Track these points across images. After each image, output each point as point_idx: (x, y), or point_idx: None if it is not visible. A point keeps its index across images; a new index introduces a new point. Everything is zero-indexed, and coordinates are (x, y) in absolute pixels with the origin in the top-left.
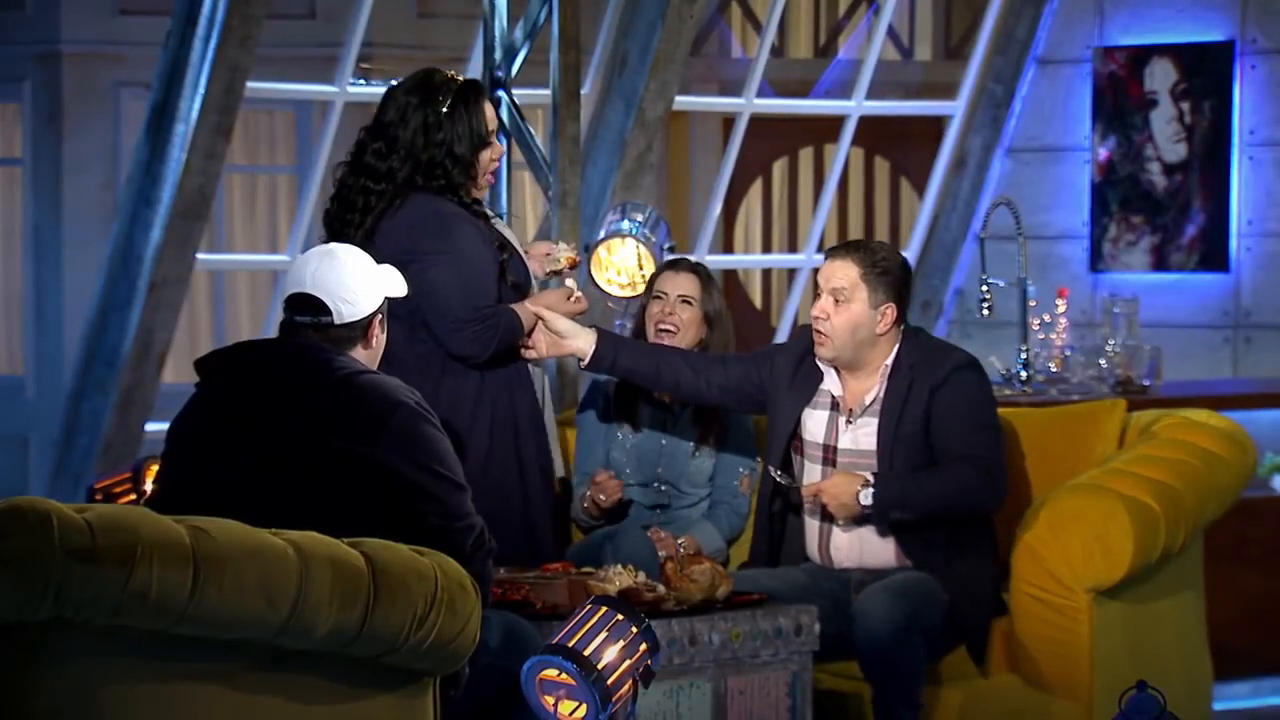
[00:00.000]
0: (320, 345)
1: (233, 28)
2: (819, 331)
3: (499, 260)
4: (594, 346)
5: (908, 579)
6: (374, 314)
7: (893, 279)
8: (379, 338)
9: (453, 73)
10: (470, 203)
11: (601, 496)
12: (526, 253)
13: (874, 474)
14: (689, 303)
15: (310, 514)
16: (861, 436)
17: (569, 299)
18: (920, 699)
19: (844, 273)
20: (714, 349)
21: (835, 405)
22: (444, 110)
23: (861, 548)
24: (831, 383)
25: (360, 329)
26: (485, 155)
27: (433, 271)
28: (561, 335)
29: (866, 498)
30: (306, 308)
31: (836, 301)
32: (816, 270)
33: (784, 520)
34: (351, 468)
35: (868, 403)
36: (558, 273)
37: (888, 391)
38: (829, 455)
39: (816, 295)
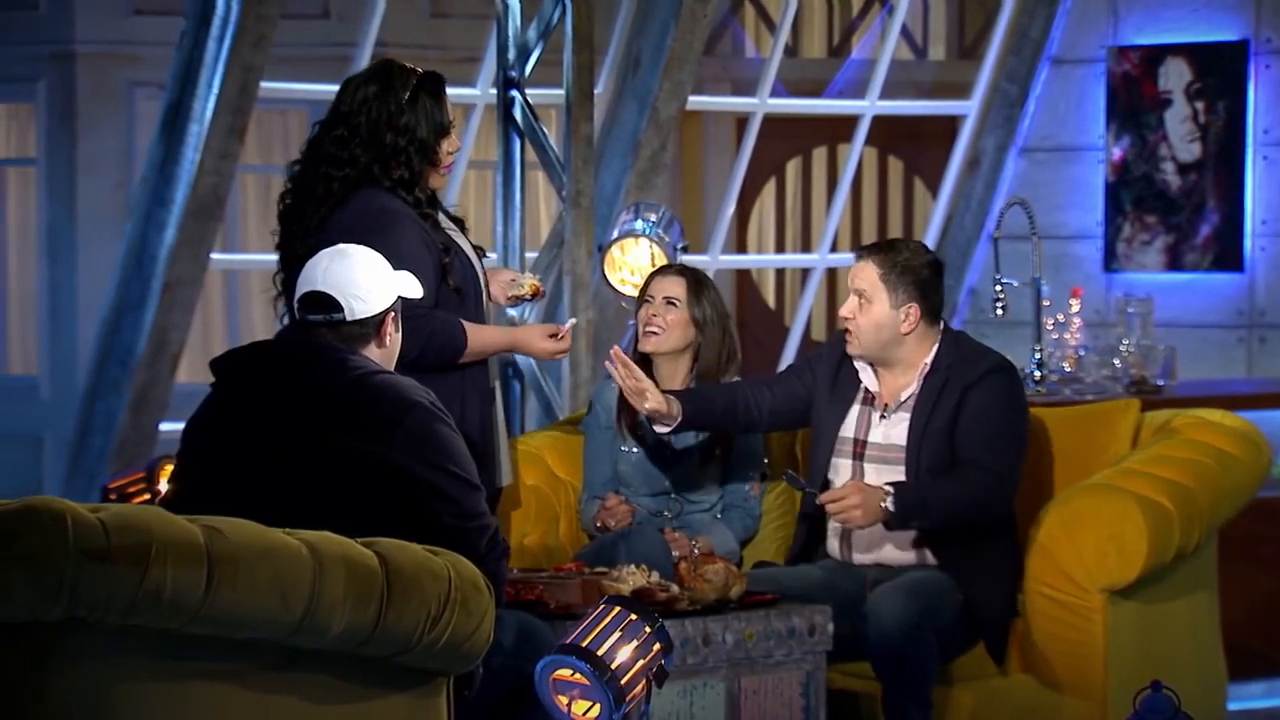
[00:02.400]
0: (335, 345)
1: (246, 28)
2: (847, 330)
3: (440, 262)
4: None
5: (921, 578)
6: (386, 311)
7: (913, 279)
8: (393, 337)
9: (411, 64)
10: (423, 199)
11: (612, 522)
12: (488, 275)
13: (892, 483)
14: (674, 304)
15: (324, 514)
16: (893, 431)
17: (551, 335)
18: (930, 698)
19: (865, 274)
20: (705, 354)
21: (869, 400)
22: (405, 98)
23: (881, 544)
24: (868, 379)
25: (373, 326)
26: (445, 144)
27: None
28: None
29: (889, 504)
30: (318, 306)
31: (860, 303)
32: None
33: (822, 519)
34: (366, 467)
35: (903, 398)
36: (520, 298)
37: (923, 389)
38: (858, 450)
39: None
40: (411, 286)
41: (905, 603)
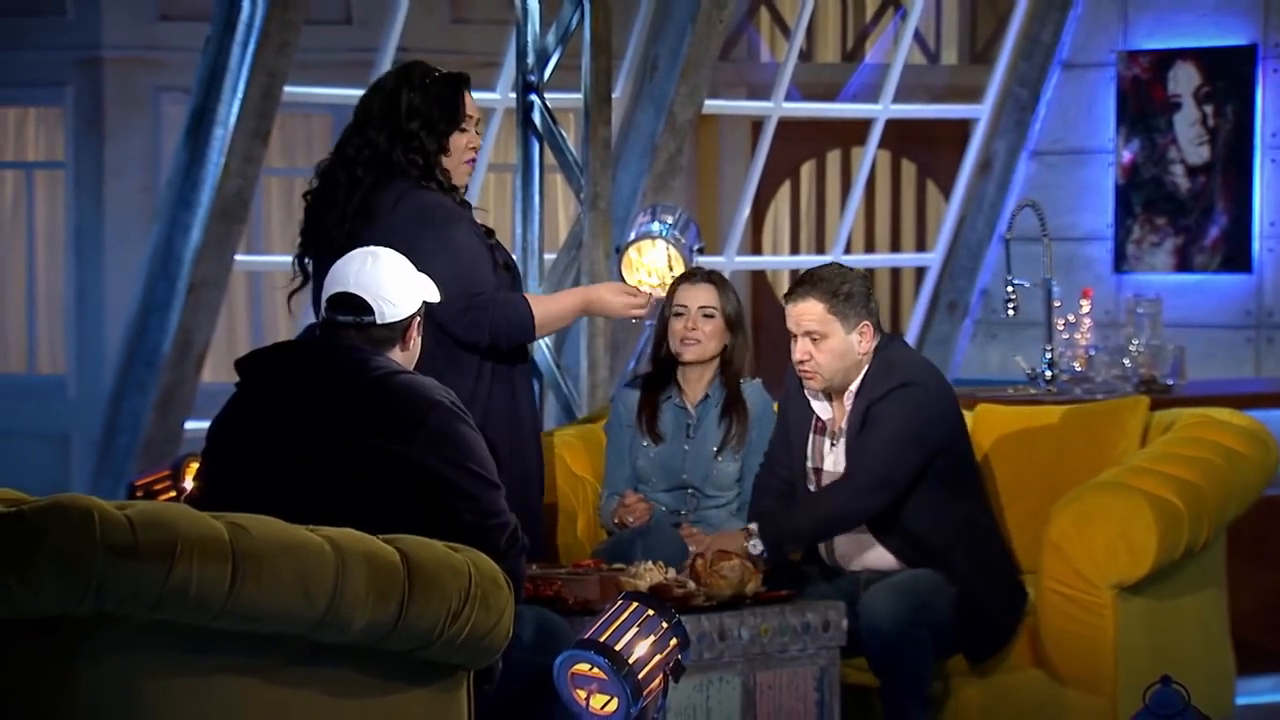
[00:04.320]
0: (358, 345)
1: (270, 33)
2: (805, 371)
3: (489, 245)
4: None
5: (913, 576)
6: (413, 316)
7: (858, 299)
8: (416, 341)
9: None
10: (445, 185)
11: (630, 519)
12: None
13: (752, 524)
14: (711, 315)
15: (347, 511)
16: (840, 457)
17: (629, 292)
18: (928, 694)
19: (811, 313)
20: (735, 356)
21: (820, 429)
22: (419, 85)
23: (863, 551)
24: (820, 408)
25: (399, 330)
26: (461, 140)
27: (429, 264)
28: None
29: (756, 547)
30: (349, 307)
31: (814, 341)
32: None
33: None
34: (388, 466)
35: (843, 424)
36: None
37: (851, 412)
38: (819, 479)
39: (792, 338)
40: (433, 292)
41: (897, 601)
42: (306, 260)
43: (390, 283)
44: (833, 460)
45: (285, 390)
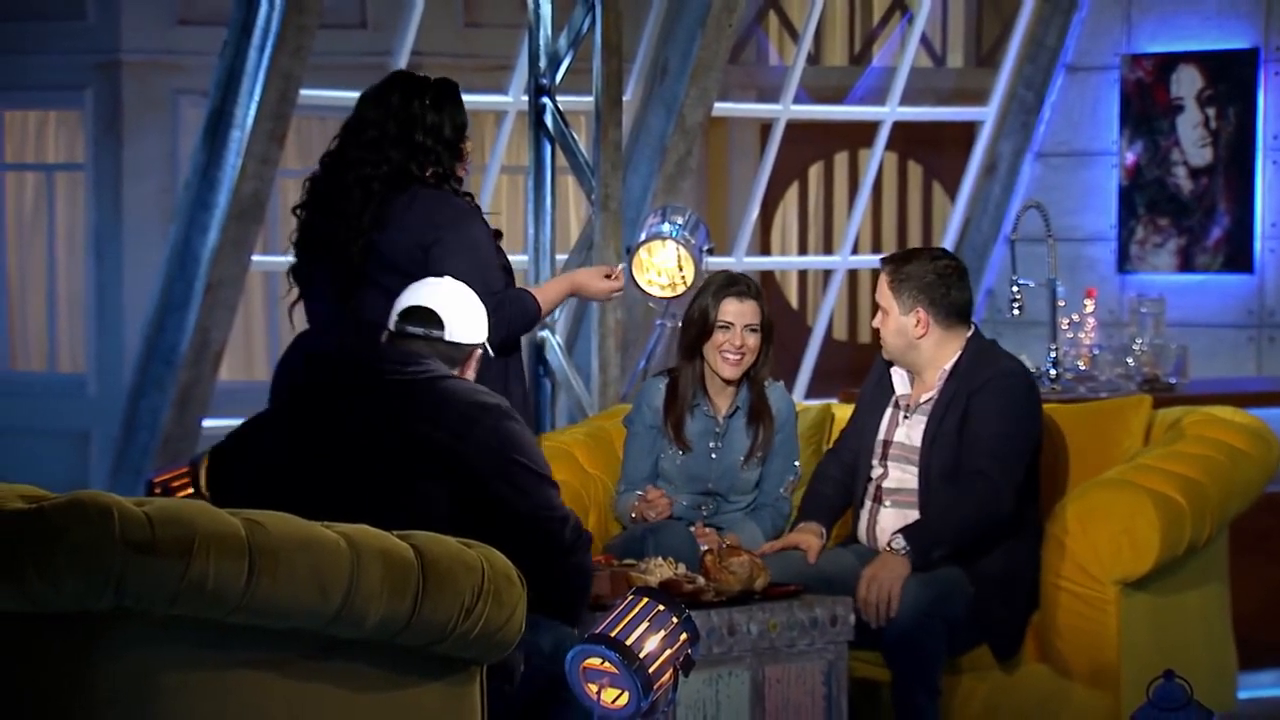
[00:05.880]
0: (420, 351)
1: (286, 37)
2: (881, 337)
3: (497, 246)
4: (823, 537)
5: (936, 569)
6: (477, 346)
7: (915, 285)
8: (473, 372)
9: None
10: (459, 192)
11: (651, 514)
12: None
13: (898, 531)
14: (755, 330)
15: (408, 514)
16: (913, 432)
17: (606, 276)
18: (939, 685)
19: (880, 285)
20: (764, 360)
21: (898, 404)
22: (428, 101)
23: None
24: (899, 381)
25: (463, 353)
26: (469, 145)
27: (450, 261)
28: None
29: (899, 542)
30: (420, 319)
31: (882, 313)
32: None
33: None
34: (444, 465)
35: (923, 400)
36: None
37: (941, 393)
38: (885, 450)
39: None
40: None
41: (917, 591)
42: (308, 270)
43: (465, 308)
44: (904, 432)
45: (337, 396)
